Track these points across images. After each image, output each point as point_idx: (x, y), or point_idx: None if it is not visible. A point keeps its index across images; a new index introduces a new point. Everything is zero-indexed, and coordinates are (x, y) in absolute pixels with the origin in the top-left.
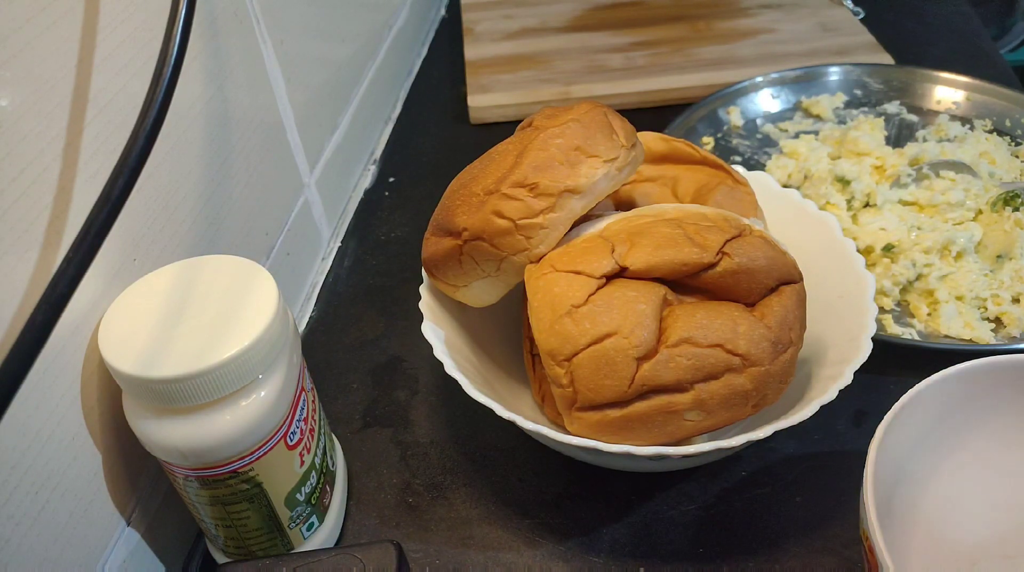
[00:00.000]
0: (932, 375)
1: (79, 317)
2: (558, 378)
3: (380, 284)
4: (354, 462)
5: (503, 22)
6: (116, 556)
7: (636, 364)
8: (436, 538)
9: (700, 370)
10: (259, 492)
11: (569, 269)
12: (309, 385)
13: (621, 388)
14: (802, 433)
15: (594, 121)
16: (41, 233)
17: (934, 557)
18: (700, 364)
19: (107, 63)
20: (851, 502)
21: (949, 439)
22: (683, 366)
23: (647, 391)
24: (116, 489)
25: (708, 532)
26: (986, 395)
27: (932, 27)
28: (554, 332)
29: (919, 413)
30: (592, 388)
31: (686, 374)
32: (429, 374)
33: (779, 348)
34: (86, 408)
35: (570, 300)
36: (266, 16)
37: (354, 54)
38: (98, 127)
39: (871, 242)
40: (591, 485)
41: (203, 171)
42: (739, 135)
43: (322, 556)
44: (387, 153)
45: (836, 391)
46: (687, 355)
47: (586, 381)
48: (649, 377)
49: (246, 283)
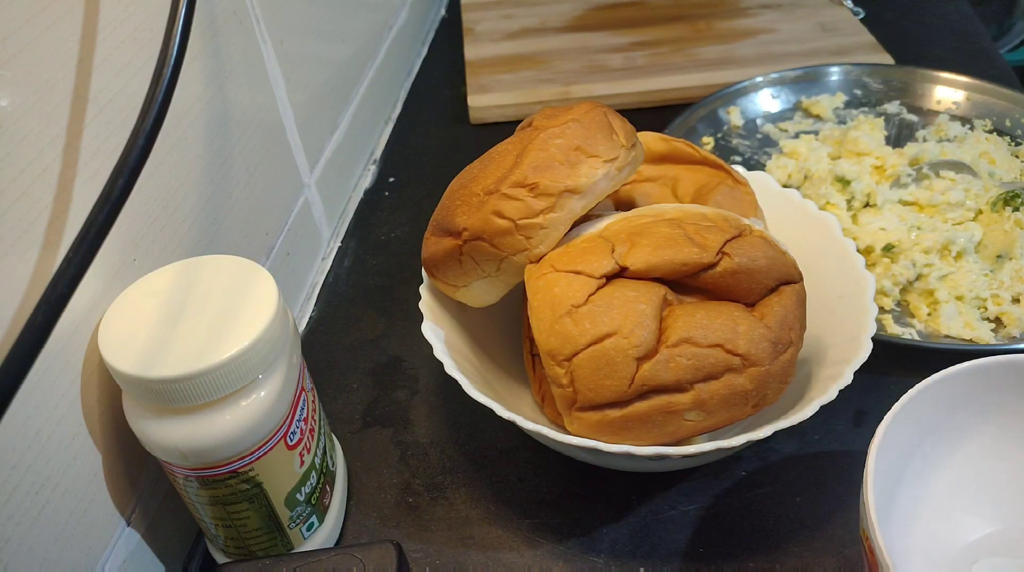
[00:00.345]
0: (932, 375)
1: (79, 317)
2: (558, 378)
3: (380, 284)
4: (354, 462)
5: (503, 22)
6: (116, 556)
7: (636, 364)
8: (436, 538)
9: (700, 370)
10: (259, 492)
11: (569, 269)
12: (309, 385)
13: (621, 388)
14: (802, 433)
15: (594, 121)
16: (41, 233)
17: (934, 557)
18: (700, 364)
19: (107, 63)
20: (851, 502)
21: (949, 439)
22: (683, 366)
23: (647, 391)
24: (116, 489)
25: (708, 532)
26: (986, 395)
27: (932, 27)
28: (554, 332)
29: (919, 413)
30: (592, 388)
31: (686, 374)
32: (429, 374)
33: (779, 348)
34: (86, 408)
35: (570, 300)
36: (266, 16)
37: (354, 54)
38: (98, 127)
39: (871, 242)
40: (591, 485)
41: (203, 171)
42: (739, 135)
43: (322, 556)
44: (387, 153)
45: (836, 391)
46: (687, 355)
47: (586, 381)
48: (649, 377)
49: (246, 283)
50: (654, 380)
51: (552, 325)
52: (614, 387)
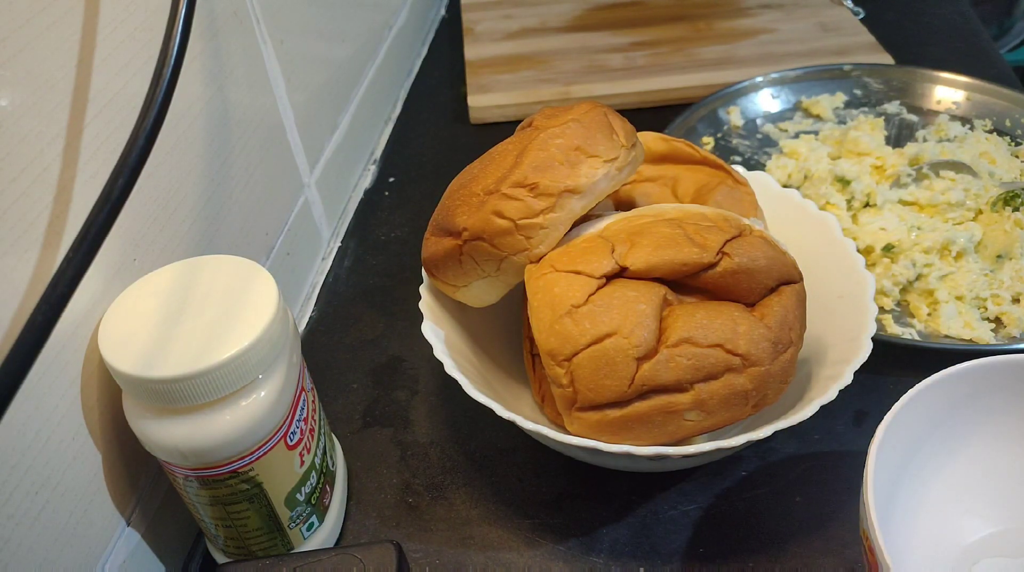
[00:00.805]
0: (932, 375)
1: (79, 317)
2: (558, 378)
3: (380, 284)
4: (354, 462)
5: (503, 22)
6: (116, 556)
7: (636, 364)
8: (436, 538)
9: (700, 370)
10: (259, 492)
11: (569, 269)
12: (309, 385)
13: (621, 388)
14: (802, 433)
15: (594, 121)
16: (41, 233)
17: (934, 557)
18: (700, 364)
19: (107, 63)
20: (851, 502)
21: (949, 439)
22: (683, 366)
23: (647, 391)
24: (116, 489)
25: (708, 532)
26: (986, 395)
27: (932, 27)
28: (554, 332)
29: (919, 413)
30: (592, 388)
31: (686, 374)
32: (429, 374)
33: (779, 348)
34: (86, 408)
35: (570, 300)
36: (266, 16)
37: (354, 54)
38: (98, 127)
39: (871, 242)
40: (591, 485)
41: (203, 171)
42: (739, 135)
43: (322, 556)
44: (387, 153)
45: (836, 391)
46: (687, 355)
47: (586, 381)
48: (649, 377)
49: (246, 283)
50: (654, 380)
51: (552, 325)
52: (614, 387)
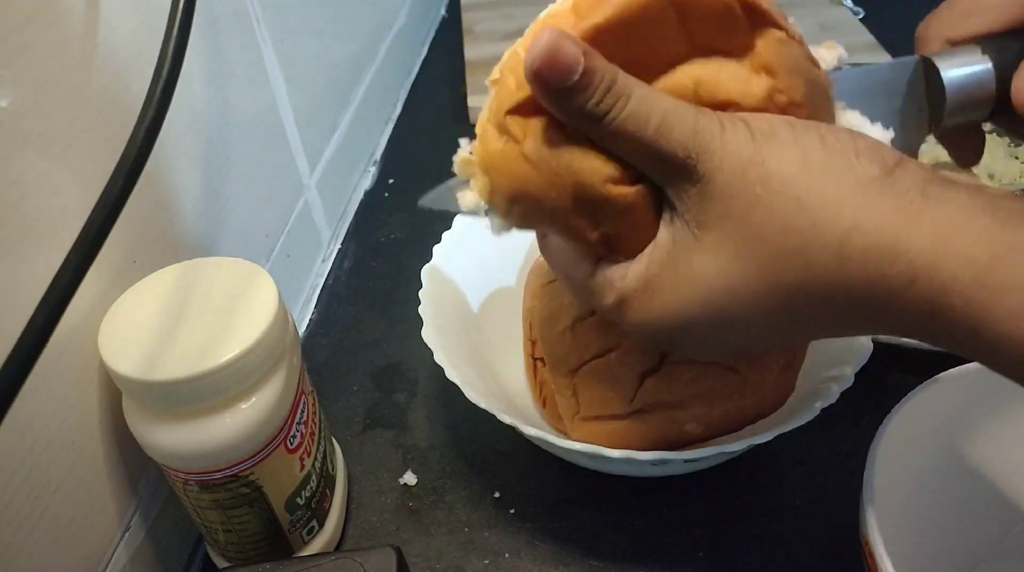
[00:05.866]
0: (933, 377)
1: (79, 319)
2: (562, 389)
3: (380, 286)
4: (354, 466)
5: (503, 22)
6: (117, 560)
7: (639, 379)
8: (436, 542)
9: (702, 386)
10: (259, 496)
11: None
12: (309, 388)
13: (623, 402)
14: (802, 434)
15: None
16: (41, 233)
17: (934, 558)
18: (702, 380)
19: (107, 63)
20: (851, 502)
21: (949, 440)
22: (685, 382)
23: (649, 406)
24: (116, 493)
25: (708, 535)
26: (986, 397)
27: None
28: (560, 343)
29: (919, 414)
30: (594, 401)
31: (688, 389)
32: (429, 377)
33: (781, 366)
34: (86, 412)
35: (575, 312)
36: (266, 16)
37: (354, 54)
38: (98, 127)
39: None
40: (591, 489)
41: (203, 171)
42: None
43: (322, 561)
44: (387, 154)
45: (838, 392)
46: (689, 371)
47: (589, 394)
48: (651, 392)
49: (246, 285)
50: (656, 395)
51: (557, 337)
52: (616, 401)
